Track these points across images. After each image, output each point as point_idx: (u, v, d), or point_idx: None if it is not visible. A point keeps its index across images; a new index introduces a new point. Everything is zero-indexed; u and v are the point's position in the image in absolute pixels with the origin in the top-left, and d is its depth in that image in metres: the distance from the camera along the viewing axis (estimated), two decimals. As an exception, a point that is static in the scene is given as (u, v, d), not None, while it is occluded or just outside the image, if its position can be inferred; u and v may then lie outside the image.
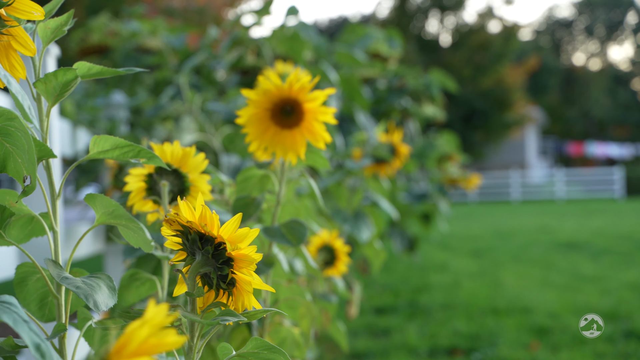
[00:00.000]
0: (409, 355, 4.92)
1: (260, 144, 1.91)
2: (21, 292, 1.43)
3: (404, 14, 41.88)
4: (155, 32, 4.88)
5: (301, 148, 1.91)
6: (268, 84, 1.84)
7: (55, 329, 1.29)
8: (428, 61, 35.89)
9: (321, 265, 2.92)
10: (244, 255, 1.19)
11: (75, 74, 1.30)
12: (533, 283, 7.80)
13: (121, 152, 1.34)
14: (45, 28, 1.33)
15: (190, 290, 1.22)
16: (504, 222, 17.94)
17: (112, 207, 1.32)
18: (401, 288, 7.76)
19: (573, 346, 4.91)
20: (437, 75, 6.95)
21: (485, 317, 6.02)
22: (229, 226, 1.19)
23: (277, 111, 1.88)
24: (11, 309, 0.98)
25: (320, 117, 1.86)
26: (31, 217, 1.42)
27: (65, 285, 1.23)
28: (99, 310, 1.21)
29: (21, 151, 1.18)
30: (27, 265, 1.43)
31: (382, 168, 4.28)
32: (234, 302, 1.24)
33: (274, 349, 1.24)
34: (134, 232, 1.35)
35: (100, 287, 1.26)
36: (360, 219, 3.90)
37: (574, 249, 10.92)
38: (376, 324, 5.93)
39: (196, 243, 1.21)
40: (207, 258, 1.21)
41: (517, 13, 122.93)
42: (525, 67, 38.65)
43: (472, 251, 11.25)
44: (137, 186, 1.72)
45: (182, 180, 1.71)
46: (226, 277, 1.21)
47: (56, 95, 1.32)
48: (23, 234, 1.44)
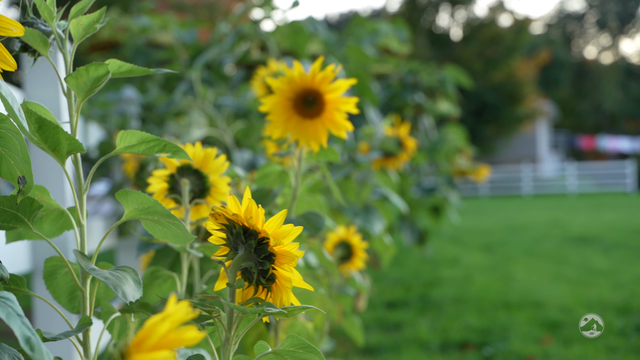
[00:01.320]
0: (421, 349, 4.92)
1: (283, 132, 1.93)
2: (51, 285, 1.46)
3: (415, 8, 41.81)
4: (166, 27, 4.88)
5: (323, 137, 1.93)
6: (292, 72, 1.86)
7: (80, 323, 1.31)
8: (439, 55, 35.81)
9: (338, 260, 2.92)
10: (287, 251, 1.20)
11: (107, 69, 1.31)
12: (545, 277, 7.78)
13: (147, 147, 1.34)
14: (77, 25, 1.34)
15: (231, 283, 1.22)
16: (515, 216, 17.91)
17: (149, 203, 1.33)
18: (412, 282, 7.76)
19: (585, 340, 4.90)
20: (451, 71, 6.94)
21: (496, 311, 6.02)
22: (273, 221, 1.20)
23: (299, 101, 1.89)
24: (6, 303, 0.98)
25: (342, 107, 1.88)
26: (61, 211, 1.44)
27: (94, 275, 1.24)
28: (127, 301, 1.23)
29: (13, 152, 1.19)
30: (55, 259, 1.45)
31: (390, 161, 4.28)
32: (272, 299, 1.25)
33: (309, 347, 1.24)
34: (164, 227, 1.35)
35: (127, 280, 1.28)
36: (371, 213, 3.90)
37: (585, 243, 10.89)
38: (387, 318, 5.93)
39: (240, 237, 1.22)
40: (250, 252, 1.21)
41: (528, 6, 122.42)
42: (536, 61, 38.53)
43: (483, 245, 11.23)
44: (160, 187, 1.74)
45: (203, 181, 1.73)
46: (267, 272, 1.22)
47: (86, 91, 1.33)
48: (54, 228, 1.46)
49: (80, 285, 1.37)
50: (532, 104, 37.16)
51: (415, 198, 6.99)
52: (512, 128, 36.63)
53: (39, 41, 1.34)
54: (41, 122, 1.26)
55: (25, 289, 1.32)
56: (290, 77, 1.87)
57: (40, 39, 1.33)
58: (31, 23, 1.39)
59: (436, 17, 44.58)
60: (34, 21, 1.39)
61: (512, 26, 39.29)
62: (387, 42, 5.80)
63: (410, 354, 4.80)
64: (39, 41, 1.34)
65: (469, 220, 16.33)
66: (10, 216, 1.30)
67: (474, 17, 43.49)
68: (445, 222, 8.14)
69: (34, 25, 1.39)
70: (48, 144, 1.28)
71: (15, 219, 1.31)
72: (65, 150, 1.30)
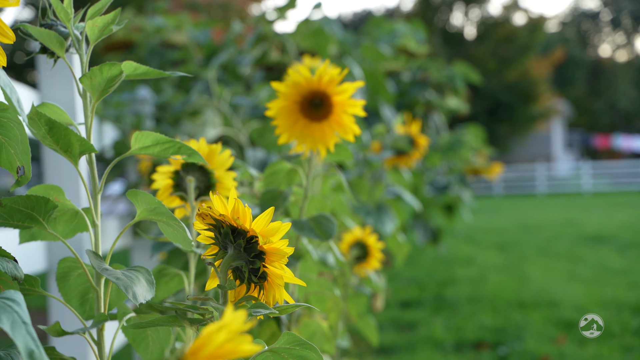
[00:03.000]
0: (435, 349, 4.92)
1: (290, 136, 1.92)
2: (63, 287, 1.46)
3: (429, 7, 41.76)
4: (180, 27, 4.90)
5: (330, 140, 1.92)
6: (297, 76, 1.85)
7: (96, 320, 1.32)
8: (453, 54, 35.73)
9: (353, 260, 2.92)
10: (276, 249, 1.20)
11: (120, 69, 1.31)
12: (559, 276, 7.76)
13: (162, 149, 1.35)
14: (92, 26, 1.35)
15: (222, 284, 1.22)
16: (529, 215, 17.85)
17: (154, 204, 1.33)
18: (427, 282, 7.75)
19: (600, 340, 4.88)
20: (460, 68, 6.92)
21: (511, 310, 6.00)
22: (261, 220, 1.20)
23: (305, 104, 1.89)
24: (13, 308, 0.92)
25: (349, 110, 1.87)
26: (75, 212, 1.45)
27: (106, 276, 1.24)
28: (137, 302, 1.23)
29: (14, 142, 1.19)
30: (69, 260, 1.45)
31: (402, 160, 4.27)
32: (265, 296, 1.25)
33: (305, 344, 1.24)
34: (174, 229, 1.36)
35: (139, 280, 1.28)
36: (383, 212, 3.90)
37: (600, 242, 10.85)
38: (402, 317, 5.92)
39: (228, 236, 1.22)
40: (239, 252, 1.21)
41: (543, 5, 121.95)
42: (551, 60, 38.38)
43: (497, 245, 11.20)
44: (165, 183, 1.73)
45: (208, 177, 1.72)
46: (258, 270, 1.22)
47: (101, 91, 1.34)
48: (69, 228, 1.47)
49: (94, 286, 1.37)
50: (547, 102, 37.04)
51: (429, 197, 6.98)
52: (527, 127, 36.53)
53: (55, 43, 1.34)
54: (51, 124, 1.26)
55: (40, 290, 1.33)
56: (297, 80, 1.86)
57: (57, 41, 1.34)
58: (50, 25, 1.40)
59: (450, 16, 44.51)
60: (52, 23, 1.41)
61: (527, 25, 39.17)
62: (405, 43, 5.80)
63: (425, 354, 4.79)
64: (55, 43, 1.34)
65: (483, 219, 16.29)
66: (25, 215, 1.30)
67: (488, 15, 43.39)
68: (459, 221, 8.12)
69: (53, 27, 1.40)
70: (60, 146, 1.29)
71: (30, 218, 1.31)
72: (77, 151, 1.30)
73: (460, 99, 7.17)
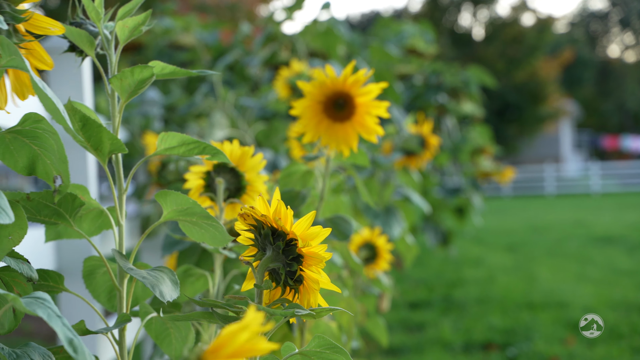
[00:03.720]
0: (444, 350, 4.91)
1: (314, 135, 1.94)
2: (90, 284, 1.49)
3: (437, 8, 41.76)
4: (188, 29, 4.90)
5: (354, 141, 1.93)
6: (323, 76, 1.86)
7: (119, 320, 1.33)
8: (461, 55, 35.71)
9: (362, 262, 2.93)
10: (314, 253, 1.20)
11: (152, 71, 1.32)
12: (569, 277, 7.74)
13: (187, 149, 1.36)
14: (123, 27, 1.36)
15: (259, 284, 1.23)
16: (538, 216, 17.83)
17: (188, 204, 1.34)
18: (435, 283, 7.74)
19: (609, 341, 4.87)
20: (475, 72, 6.92)
21: (520, 311, 5.99)
22: (302, 223, 1.20)
23: (329, 104, 1.89)
24: (45, 304, 0.99)
25: (373, 111, 1.87)
26: (100, 210, 1.45)
27: (132, 274, 1.26)
28: (164, 300, 1.24)
29: (50, 152, 1.20)
30: (94, 259, 1.48)
31: (412, 160, 4.26)
32: (299, 300, 1.25)
33: (336, 348, 1.24)
34: (201, 229, 1.37)
35: (164, 279, 1.30)
36: (391, 215, 3.89)
37: (609, 243, 10.82)
38: (410, 318, 5.92)
39: (268, 238, 1.22)
40: (278, 254, 1.22)
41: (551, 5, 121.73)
42: (559, 60, 38.29)
43: (506, 246, 11.19)
44: (196, 184, 1.74)
45: (239, 179, 1.73)
46: (294, 273, 1.22)
47: (130, 92, 1.34)
48: (94, 227, 1.48)
49: (117, 285, 1.38)
50: (555, 103, 36.96)
51: (439, 198, 6.97)
52: (535, 128, 36.45)
53: (85, 42, 1.35)
54: (85, 120, 1.27)
55: (64, 287, 1.34)
56: (322, 80, 1.87)
57: (87, 40, 1.35)
58: (79, 23, 1.41)
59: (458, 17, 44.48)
60: (82, 22, 1.41)
61: (535, 25, 39.12)
62: (413, 43, 5.80)
63: (434, 355, 4.79)
64: (85, 42, 1.35)
65: (492, 220, 16.27)
66: (52, 211, 1.31)
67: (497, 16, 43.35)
68: (469, 222, 8.11)
69: (82, 25, 1.40)
70: (91, 143, 1.30)
71: (57, 214, 1.32)
72: (108, 149, 1.31)
73: (475, 103, 7.16)
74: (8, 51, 1.07)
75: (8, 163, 1.21)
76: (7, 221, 0.99)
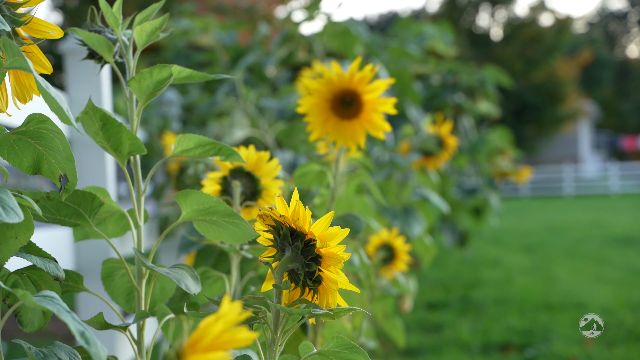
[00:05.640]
0: (462, 351, 4.90)
1: (321, 133, 1.94)
2: (109, 286, 1.50)
3: (455, 8, 41.66)
4: (207, 30, 4.92)
5: (361, 138, 1.94)
6: (329, 73, 1.86)
7: (138, 316, 1.35)
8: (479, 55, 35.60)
9: (380, 262, 2.93)
10: (333, 253, 1.20)
11: (170, 72, 1.33)
12: (587, 278, 7.71)
13: (203, 150, 1.37)
14: (141, 31, 1.37)
15: (278, 284, 1.23)
16: (556, 217, 17.75)
17: (211, 203, 1.35)
18: (453, 283, 7.73)
19: (628, 342, 4.85)
20: (491, 72, 6.90)
21: (538, 312, 5.98)
22: (320, 223, 1.20)
23: (337, 102, 1.90)
24: (54, 301, 1.01)
25: (380, 108, 1.88)
26: (122, 213, 1.47)
27: (157, 271, 1.29)
28: (191, 292, 1.27)
29: (55, 152, 1.21)
30: (112, 261, 1.49)
31: (430, 161, 4.26)
32: (318, 300, 1.25)
33: (354, 348, 1.24)
34: (219, 227, 1.38)
35: (185, 276, 1.32)
36: (410, 215, 3.89)
37: (628, 244, 10.76)
38: (428, 319, 5.91)
39: (287, 238, 1.22)
40: (297, 254, 1.22)
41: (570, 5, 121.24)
42: (578, 61, 38.09)
43: (524, 246, 11.15)
44: (213, 189, 1.75)
45: (255, 184, 1.74)
46: (313, 274, 1.22)
47: (148, 94, 1.36)
48: (118, 228, 1.50)
49: (136, 286, 1.40)
50: (574, 104, 36.78)
51: (456, 199, 6.96)
52: (553, 128, 36.29)
53: (104, 48, 1.37)
54: (105, 119, 1.28)
55: (83, 286, 1.36)
56: (328, 78, 1.88)
57: (106, 46, 1.36)
58: (99, 31, 1.43)
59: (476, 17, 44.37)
60: (101, 29, 1.43)
61: (553, 25, 38.95)
62: (433, 45, 5.79)
63: (451, 356, 4.78)
64: (104, 48, 1.37)
65: (509, 221, 16.22)
66: (72, 211, 1.33)
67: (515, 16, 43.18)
68: (486, 223, 8.09)
69: (102, 33, 1.43)
70: (110, 143, 1.31)
71: (77, 214, 1.33)
72: (127, 150, 1.32)
73: (491, 102, 7.15)
74: (11, 52, 1.08)
75: (13, 162, 1.22)
76: (17, 220, 1.01)
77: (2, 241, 1.16)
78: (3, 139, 1.20)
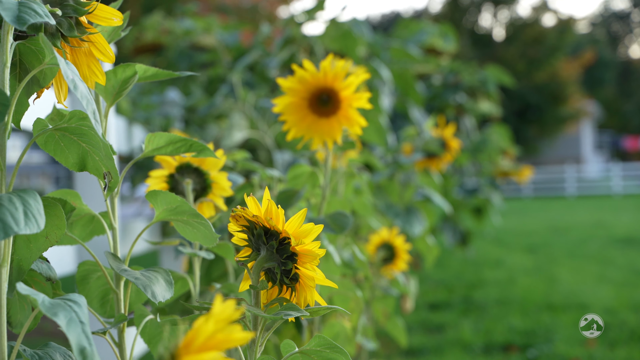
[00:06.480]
0: (464, 351, 4.90)
1: (297, 131, 1.95)
2: (83, 289, 1.46)
3: (457, 8, 41.69)
4: (209, 30, 4.92)
5: (337, 134, 1.95)
6: (302, 72, 1.86)
7: (116, 319, 1.33)
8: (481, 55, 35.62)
9: (380, 262, 2.93)
10: (308, 250, 1.20)
11: (134, 70, 1.31)
12: (589, 279, 7.70)
13: (174, 148, 1.35)
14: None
15: (255, 284, 1.23)
16: (559, 217, 17.74)
17: (177, 202, 1.34)
18: (455, 284, 7.72)
19: (631, 342, 4.85)
20: (493, 71, 6.90)
21: (540, 313, 5.97)
22: (293, 221, 1.20)
23: (314, 100, 1.91)
24: (72, 308, 0.96)
25: (355, 104, 1.89)
26: (92, 216, 1.45)
27: (125, 276, 1.25)
28: (156, 301, 1.23)
29: (97, 149, 1.19)
30: (88, 264, 1.46)
31: (433, 162, 4.26)
32: (296, 298, 1.25)
33: (336, 347, 1.24)
34: (193, 228, 1.36)
35: (158, 280, 1.29)
36: (412, 214, 3.89)
37: (631, 245, 10.76)
38: (430, 319, 5.91)
39: (261, 238, 1.22)
40: (272, 253, 1.22)
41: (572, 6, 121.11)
42: (580, 61, 38.09)
43: (527, 247, 11.15)
44: (159, 187, 1.71)
45: (204, 178, 1.72)
46: (290, 272, 1.22)
47: (114, 94, 1.34)
48: (85, 232, 1.47)
49: (114, 288, 1.38)
50: (576, 104, 36.78)
51: (458, 199, 6.96)
52: (556, 128, 36.30)
53: None
54: None
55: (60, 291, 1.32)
56: (301, 76, 1.88)
57: None
58: None
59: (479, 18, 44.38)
60: None
61: (556, 26, 38.98)
62: (432, 42, 5.79)
63: (453, 356, 4.78)
64: None
65: (512, 221, 16.22)
66: None
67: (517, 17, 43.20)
68: (488, 223, 8.09)
69: None
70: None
71: None
72: None
73: (493, 102, 7.15)
74: (50, 50, 1.06)
75: (59, 159, 1.21)
76: (36, 230, 0.95)
77: (32, 239, 1.14)
78: (49, 136, 1.19)
